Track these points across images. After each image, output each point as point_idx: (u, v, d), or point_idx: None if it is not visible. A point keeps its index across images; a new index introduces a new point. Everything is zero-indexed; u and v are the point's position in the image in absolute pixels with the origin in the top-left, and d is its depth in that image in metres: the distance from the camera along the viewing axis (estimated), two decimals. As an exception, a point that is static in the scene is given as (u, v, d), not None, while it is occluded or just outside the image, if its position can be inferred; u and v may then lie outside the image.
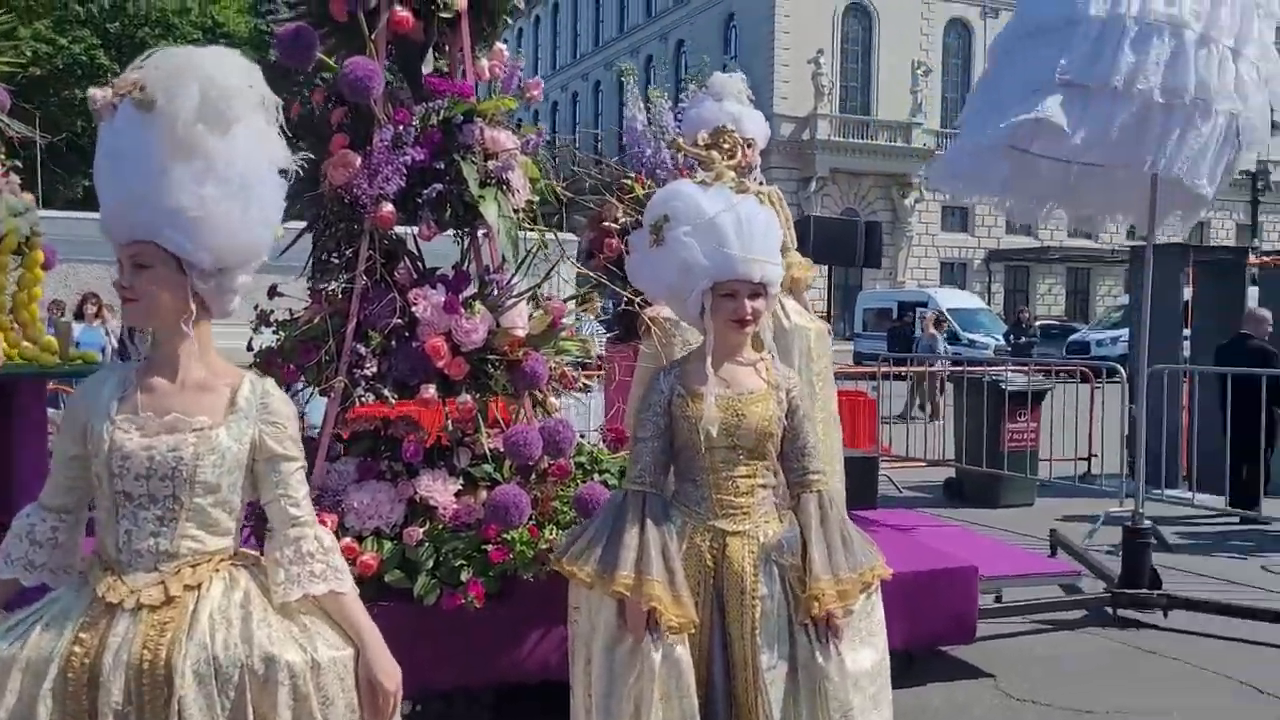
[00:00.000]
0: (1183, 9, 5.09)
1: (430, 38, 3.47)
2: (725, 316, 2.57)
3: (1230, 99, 5.09)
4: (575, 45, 57.04)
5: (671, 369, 2.67)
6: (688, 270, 2.53)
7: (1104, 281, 44.05)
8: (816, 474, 2.66)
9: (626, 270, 2.79)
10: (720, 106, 4.50)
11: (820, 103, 39.36)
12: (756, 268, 2.55)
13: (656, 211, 2.60)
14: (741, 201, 2.59)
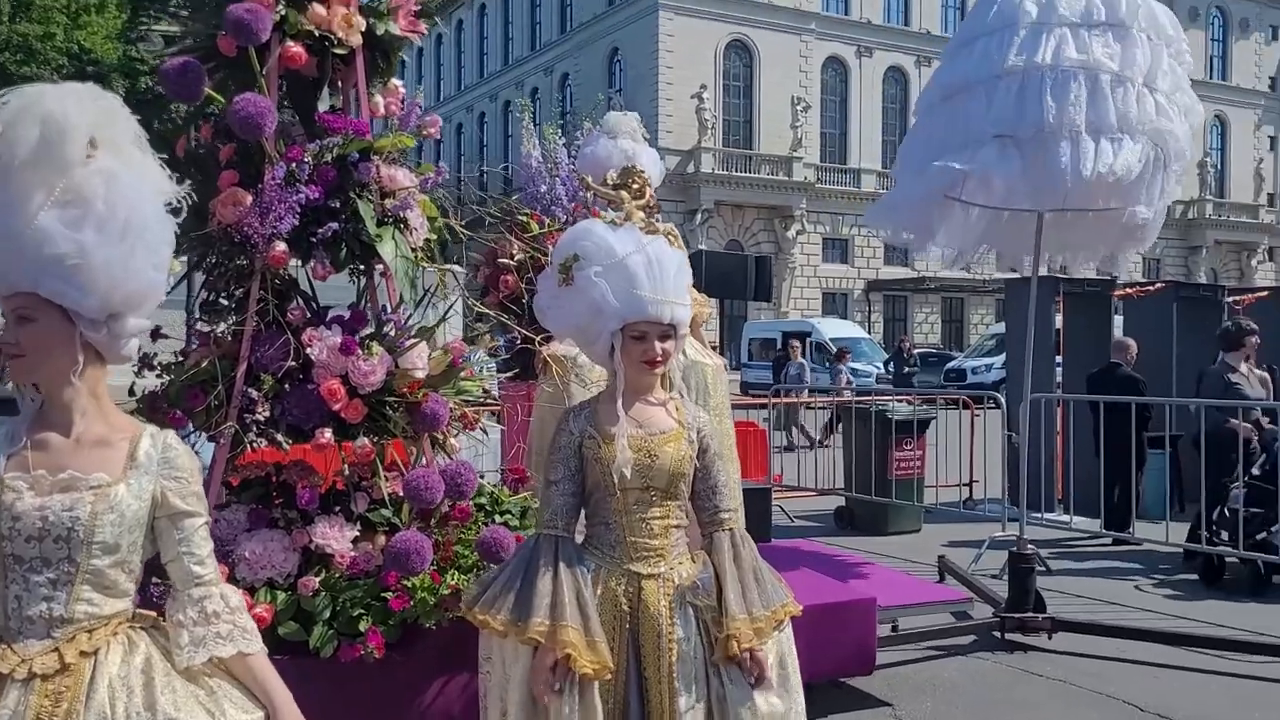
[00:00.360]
0: (1094, 54, 5.42)
1: (324, 74, 3.40)
2: (635, 358, 2.55)
3: (1151, 123, 5.42)
4: (459, 77, 56.86)
5: (581, 410, 2.64)
6: (598, 311, 2.51)
7: (977, 310, 45.71)
8: (728, 512, 2.66)
9: (534, 309, 2.76)
10: (615, 144, 4.52)
11: (704, 137, 40.03)
12: (667, 309, 2.55)
13: (565, 251, 2.58)
14: (651, 242, 2.58)
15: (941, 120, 5.92)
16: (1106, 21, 5.58)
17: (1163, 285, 10.74)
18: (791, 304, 41.01)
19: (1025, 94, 5.44)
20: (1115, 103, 5.38)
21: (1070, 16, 5.56)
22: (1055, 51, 5.45)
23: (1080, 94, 5.34)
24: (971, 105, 5.62)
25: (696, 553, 2.65)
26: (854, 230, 43.84)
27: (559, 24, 47.82)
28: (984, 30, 5.89)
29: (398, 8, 3.43)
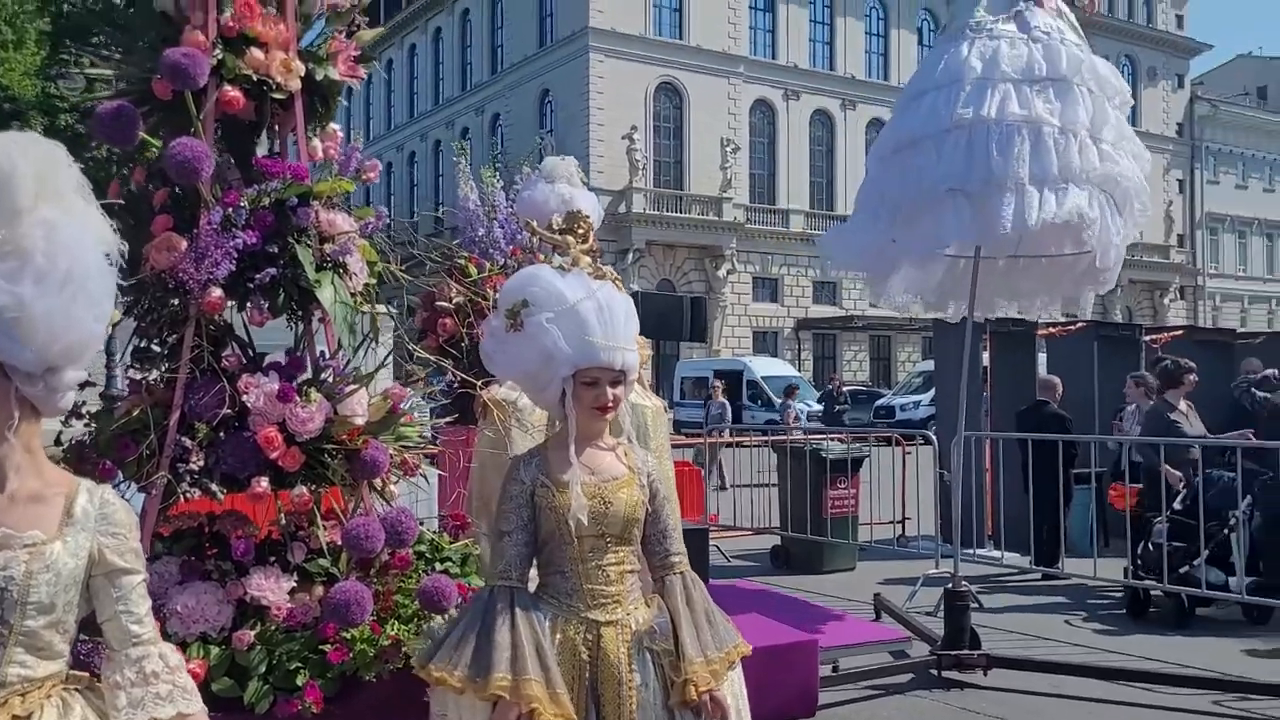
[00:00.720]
0: (1035, 109, 5.62)
1: (262, 118, 3.36)
2: (587, 404, 2.54)
3: (1096, 170, 5.61)
4: (390, 116, 56.66)
5: (531, 459, 2.61)
6: (549, 358, 2.50)
7: (904, 348, 46.47)
8: (678, 555, 2.66)
9: (480, 354, 2.73)
10: (552, 189, 4.53)
11: (635, 177, 40.33)
12: (619, 355, 2.55)
13: (513, 296, 2.56)
14: (601, 288, 2.58)
15: (894, 172, 6.10)
16: (1048, 77, 5.78)
17: (1083, 325, 11.03)
18: (723, 343, 41.29)
19: (973, 148, 5.61)
20: (1057, 154, 5.57)
21: (1013, 73, 5.75)
22: (1000, 106, 5.64)
23: (1024, 147, 5.51)
24: (922, 159, 5.79)
25: (650, 597, 2.64)
26: (784, 269, 44.40)
27: (490, 65, 47.97)
28: (932, 85, 6.08)
29: (337, 53, 3.42)
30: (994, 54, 5.81)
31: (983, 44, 5.89)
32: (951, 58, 5.97)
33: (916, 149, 5.87)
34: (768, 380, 29.93)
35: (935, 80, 6.04)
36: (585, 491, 2.49)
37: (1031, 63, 5.81)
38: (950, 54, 6.02)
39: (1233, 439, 7.39)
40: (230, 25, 3.18)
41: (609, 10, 40.50)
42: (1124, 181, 5.74)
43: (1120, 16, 54.03)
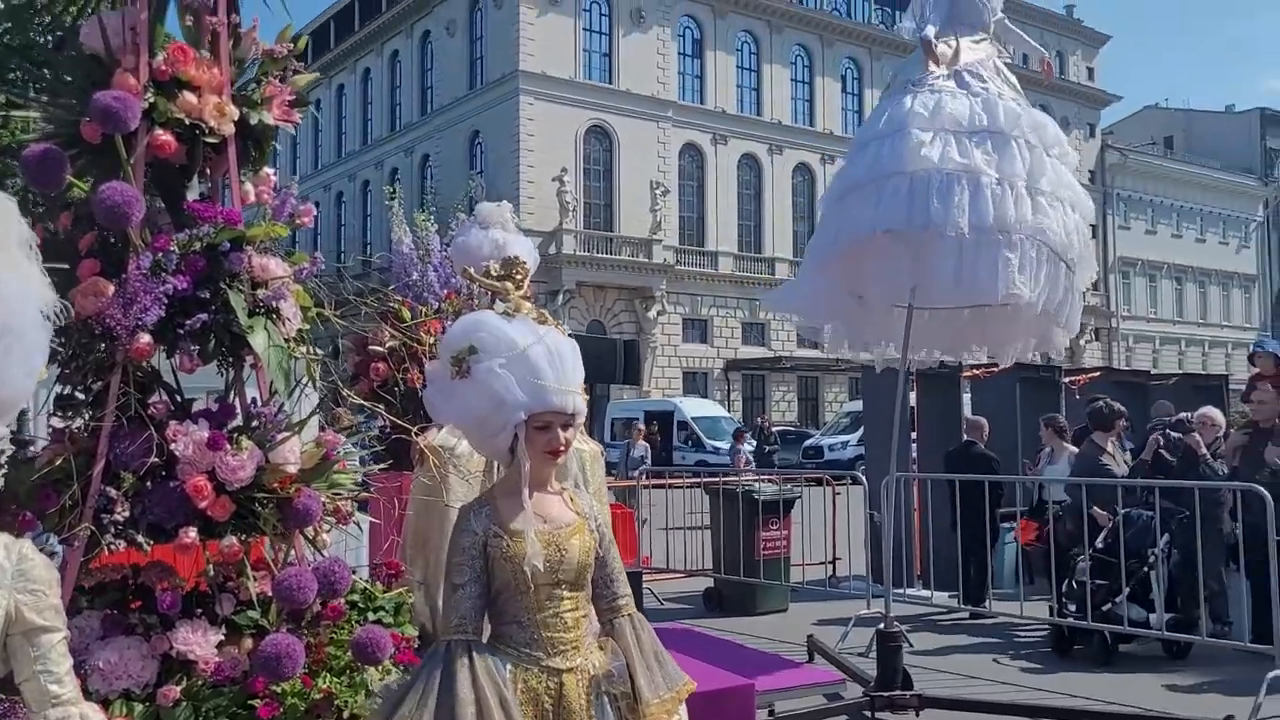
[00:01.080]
0: (974, 160, 5.80)
1: (194, 162, 3.31)
2: (539, 448, 2.53)
3: (1028, 222, 5.78)
4: (317, 156, 56.20)
5: (481, 508, 2.58)
6: (500, 403, 2.49)
7: (831, 388, 47.05)
8: (625, 598, 2.67)
9: (425, 403, 2.71)
10: (486, 234, 4.54)
11: (565, 219, 40.48)
12: (570, 398, 2.55)
13: (458, 343, 2.54)
14: (548, 333, 2.59)
15: (836, 218, 6.27)
16: (986, 129, 5.97)
17: (1005, 367, 11.29)
18: (653, 384, 41.42)
19: (913, 194, 5.77)
20: (994, 204, 5.73)
21: (953, 125, 5.93)
22: (941, 155, 5.81)
23: (963, 197, 5.67)
24: (863, 203, 5.92)
25: (602, 640, 2.63)
26: (713, 311, 44.78)
27: (419, 106, 47.92)
28: (875, 135, 6.26)
29: (272, 97, 3.39)
30: (935, 105, 5.99)
31: (924, 96, 6.06)
32: (895, 109, 6.14)
33: (859, 193, 6.01)
34: (698, 421, 30.07)
35: (879, 130, 6.21)
36: (540, 540, 2.48)
37: (971, 115, 5.99)
38: (894, 105, 6.20)
39: (1154, 480, 7.60)
40: (163, 69, 3.14)
41: (539, 54, 40.81)
42: (1054, 236, 5.91)
43: (1034, 68, 55.82)
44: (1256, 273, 66.61)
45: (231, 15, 3.35)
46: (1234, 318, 65.36)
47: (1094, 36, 60.01)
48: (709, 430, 29.87)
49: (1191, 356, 62.29)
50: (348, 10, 52.04)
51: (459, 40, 44.62)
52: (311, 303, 3.42)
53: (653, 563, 10.59)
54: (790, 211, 47.79)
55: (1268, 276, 67.12)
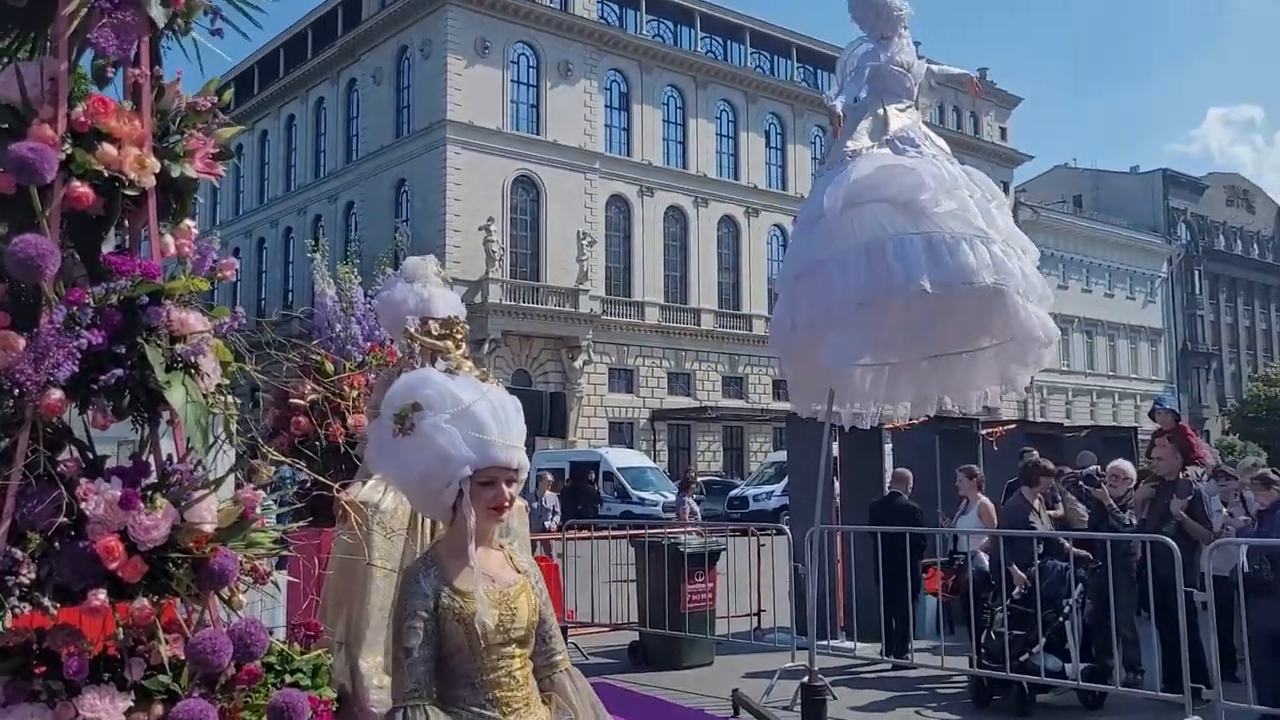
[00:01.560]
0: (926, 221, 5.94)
1: (112, 214, 3.25)
2: (484, 504, 2.52)
3: (988, 267, 5.93)
4: (239, 202, 55.44)
5: (429, 568, 2.55)
6: (446, 460, 2.48)
7: (756, 438, 47.39)
8: (562, 653, 2.68)
9: (368, 459, 2.69)
10: (411, 288, 4.53)
11: (492, 268, 40.39)
12: (515, 454, 2.55)
13: (402, 400, 2.53)
14: (490, 389, 2.59)
15: (803, 295, 6.38)
16: (937, 188, 6.13)
17: (925, 419, 11.51)
18: (579, 433, 41.29)
19: (872, 262, 5.86)
20: (953, 258, 5.89)
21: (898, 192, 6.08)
22: (891, 222, 5.97)
23: (920, 256, 5.78)
24: (831, 279, 6.03)
25: (546, 696, 2.63)
26: (639, 360, 44.95)
27: (344, 153, 47.65)
28: (820, 212, 6.35)
29: (195, 150, 3.35)
30: (879, 172, 6.16)
31: (866, 166, 6.22)
32: (840, 180, 6.26)
33: (823, 270, 6.13)
34: (624, 471, 30.01)
35: (824, 207, 6.30)
36: (490, 598, 2.47)
37: (916, 180, 6.14)
38: (838, 177, 6.31)
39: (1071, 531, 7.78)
40: (82, 120, 3.09)
41: (467, 104, 40.95)
42: (1016, 278, 6.08)
43: (950, 127, 57.69)
44: (1162, 327, 69.06)
45: (155, 67, 3.31)
46: (1142, 370, 67.59)
47: (1007, 98, 62.18)
48: (635, 480, 29.83)
49: (1103, 408, 64.19)
50: (272, 56, 51.71)
51: (386, 89, 44.58)
52: (232, 357, 3.36)
53: (577, 616, 10.49)
54: (715, 262, 48.37)
55: (1173, 331, 69.64)
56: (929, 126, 6.98)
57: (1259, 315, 77.00)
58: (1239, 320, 75.24)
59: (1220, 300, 74.03)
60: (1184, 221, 71.35)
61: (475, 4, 41.38)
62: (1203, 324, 72.01)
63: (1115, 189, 72.19)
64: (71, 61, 3.23)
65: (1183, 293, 70.65)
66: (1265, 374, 62.78)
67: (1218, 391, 71.47)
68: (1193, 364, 70.53)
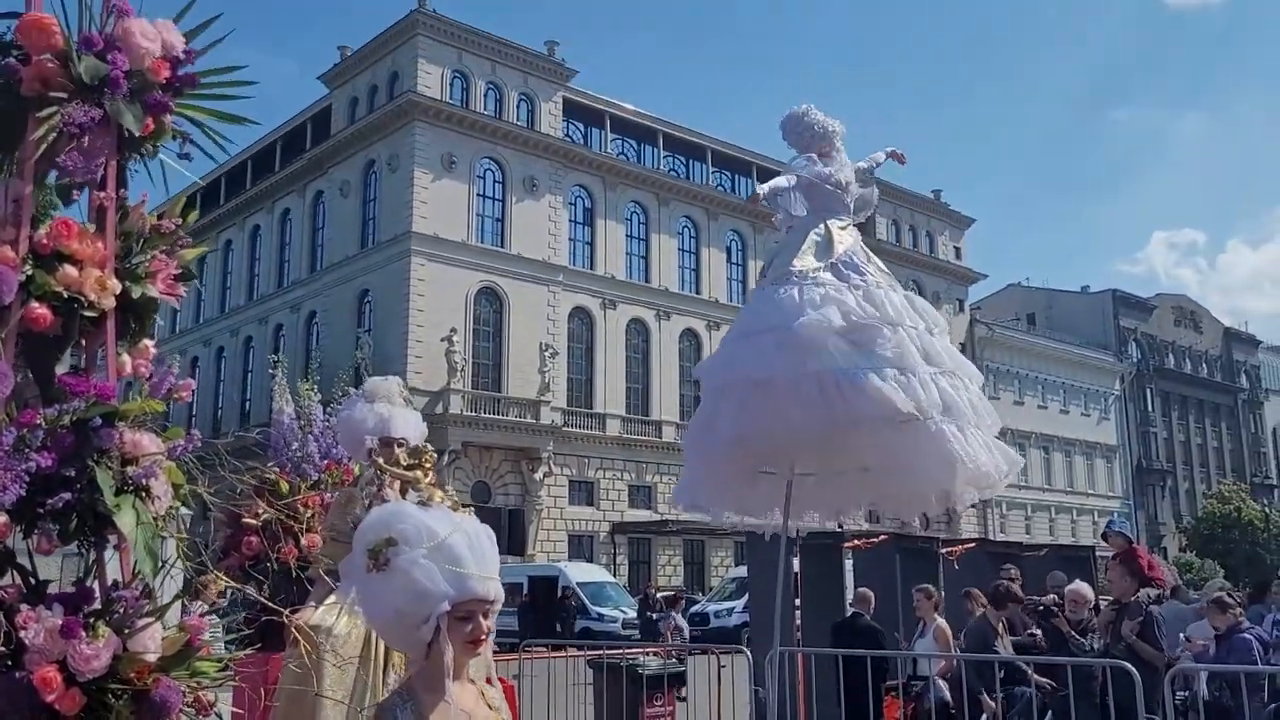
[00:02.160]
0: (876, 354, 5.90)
1: (70, 335, 3.23)
2: (462, 639, 2.47)
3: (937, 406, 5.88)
4: (199, 310, 55.24)
5: (405, 702, 2.48)
6: (424, 596, 2.43)
7: (717, 553, 46.97)
8: None
9: (319, 583, 2.63)
10: (371, 408, 4.51)
11: (453, 379, 40.32)
12: (491, 585, 2.52)
13: (375, 535, 2.50)
14: (464, 520, 2.57)
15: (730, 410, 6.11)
16: (879, 322, 6.06)
17: (885, 537, 11.51)
18: (538, 547, 40.75)
19: (825, 390, 5.75)
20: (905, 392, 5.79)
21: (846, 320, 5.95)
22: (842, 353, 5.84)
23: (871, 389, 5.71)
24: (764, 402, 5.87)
25: None
26: (600, 473, 44.71)
27: (309, 263, 47.84)
28: (765, 327, 6.21)
29: (157, 271, 3.36)
30: (823, 298, 6.05)
31: (810, 291, 6.12)
32: (784, 299, 6.16)
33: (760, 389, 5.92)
34: (583, 586, 29.53)
35: (766, 321, 6.20)
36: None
37: (860, 309, 6.07)
38: (782, 295, 6.20)
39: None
40: (44, 242, 3.10)
41: (432, 217, 41.45)
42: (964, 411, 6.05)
43: (907, 246, 59.17)
44: (1117, 443, 69.94)
45: (120, 190, 3.34)
46: (1099, 486, 68.16)
47: (960, 219, 63.96)
48: (594, 596, 29.33)
49: (1061, 524, 64.45)
50: (240, 168, 52.25)
51: (352, 201, 45.07)
52: (184, 479, 3.31)
53: (534, 740, 10.18)
54: (677, 375, 48.64)
55: (1127, 447, 70.54)
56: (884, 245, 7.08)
57: (1210, 433, 78.30)
58: (1191, 438, 76.44)
59: (1173, 418, 75.29)
60: (1134, 340, 73.00)
61: (443, 120, 42.24)
62: (1156, 441, 73.04)
63: (1067, 308, 73.94)
64: (38, 181, 3.25)
65: (1136, 410, 71.81)
66: (1219, 491, 63.48)
67: (1174, 508, 72.10)
68: (1148, 481, 71.27)
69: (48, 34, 3.17)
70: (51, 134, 3.15)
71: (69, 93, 3.15)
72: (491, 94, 44.45)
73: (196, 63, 3.52)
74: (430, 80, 42.33)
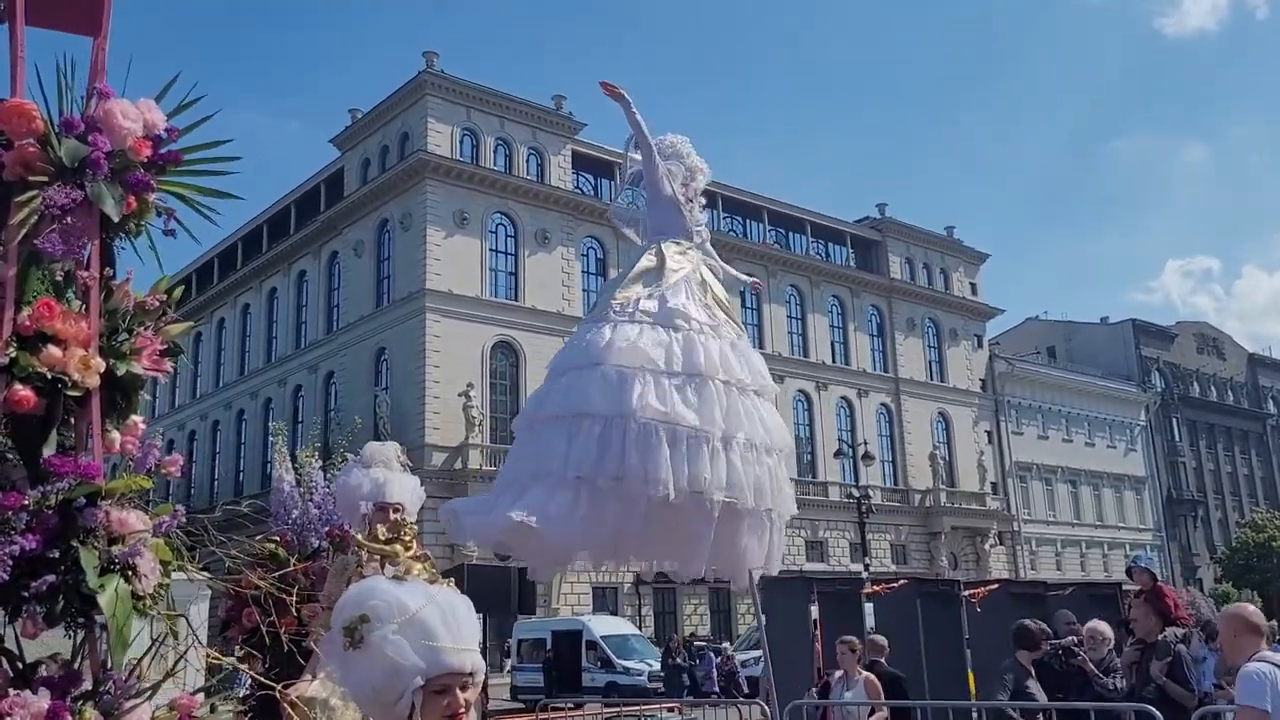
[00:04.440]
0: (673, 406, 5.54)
1: (54, 415, 3.24)
2: (439, 714, 2.43)
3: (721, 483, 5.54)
4: (219, 373, 55.64)
5: None
6: (397, 671, 2.40)
7: (744, 601, 46.46)
8: None
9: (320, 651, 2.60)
10: (366, 474, 4.50)
11: (472, 433, 40.32)
12: (468, 658, 2.47)
13: (351, 612, 2.47)
14: (440, 591, 2.54)
15: (530, 447, 5.85)
16: (685, 372, 5.71)
17: (905, 581, 11.37)
18: (562, 600, 40.46)
19: (608, 441, 5.44)
20: (689, 462, 5.47)
21: (651, 364, 5.66)
22: (638, 399, 5.50)
23: (661, 451, 5.37)
24: (554, 440, 5.57)
25: None
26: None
27: (325, 324, 48.18)
28: (572, 365, 5.95)
29: (143, 348, 3.37)
30: (635, 340, 5.73)
31: (625, 329, 5.81)
32: (594, 338, 5.87)
33: (554, 426, 5.65)
34: (607, 640, 29.22)
35: (574, 360, 5.92)
36: None
37: (669, 355, 5.73)
38: (593, 334, 5.92)
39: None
40: (27, 324, 3.11)
41: (446, 273, 41.74)
42: (744, 493, 5.66)
43: (922, 283, 59.10)
44: (1145, 475, 69.11)
45: (105, 269, 3.36)
46: (1129, 519, 67.25)
47: (974, 255, 63.88)
48: (619, 649, 29.01)
49: (1093, 559, 63.53)
50: (255, 233, 52.89)
51: (366, 260, 45.46)
52: (172, 556, 3.29)
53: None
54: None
55: (1156, 478, 69.68)
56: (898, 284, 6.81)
57: (1239, 461, 77.34)
58: (1221, 466, 75.53)
59: (1201, 447, 74.45)
60: (1157, 369, 72.42)
61: (453, 178, 42.69)
62: (1186, 471, 72.17)
63: (1087, 339, 73.52)
64: (22, 264, 3.28)
65: (1163, 440, 71.05)
66: (1252, 520, 62.53)
67: (1207, 539, 71.08)
68: (1179, 511, 70.33)
69: (29, 119, 3.21)
70: (33, 216, 3.18)
71: (49, 175, 3.18)
72: (501, 149, 44.94)
73: (188, 135, 3.57)
74: (440, 139, 42.84)
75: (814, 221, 56.17)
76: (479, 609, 8.56)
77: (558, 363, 6.30)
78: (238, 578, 4.11)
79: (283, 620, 4.39)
